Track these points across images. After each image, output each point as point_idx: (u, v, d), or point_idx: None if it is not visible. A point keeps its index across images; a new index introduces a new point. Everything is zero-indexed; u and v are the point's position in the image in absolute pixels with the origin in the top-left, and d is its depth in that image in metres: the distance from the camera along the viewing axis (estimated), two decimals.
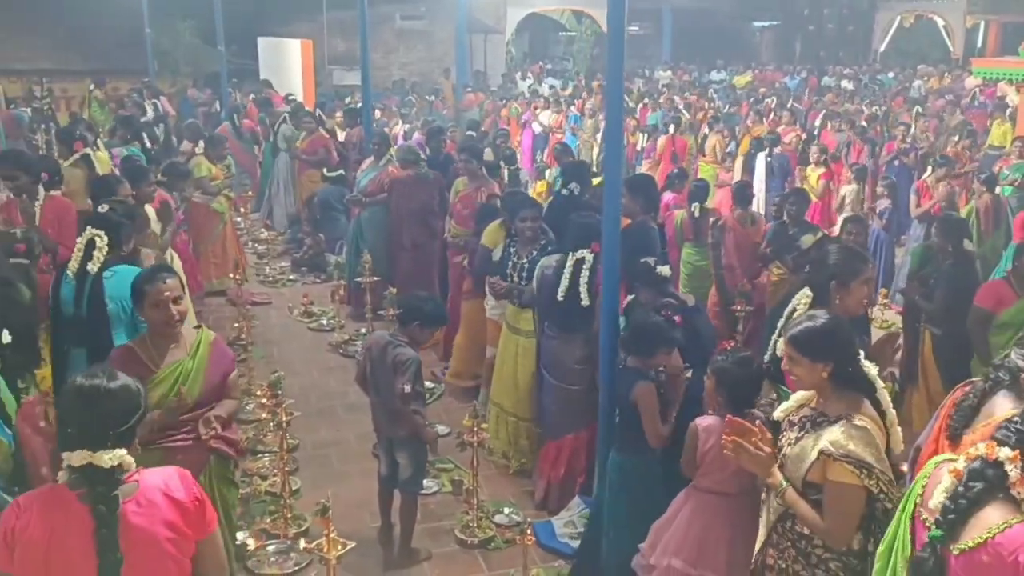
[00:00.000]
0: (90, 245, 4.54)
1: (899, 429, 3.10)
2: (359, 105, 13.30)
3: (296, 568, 4.68)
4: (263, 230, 11.93)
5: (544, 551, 4.86)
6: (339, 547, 3.62)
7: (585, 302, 4.99)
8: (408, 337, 4.51)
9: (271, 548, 4.79)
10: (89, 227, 4.63)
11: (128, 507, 2.35)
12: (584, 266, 5.00)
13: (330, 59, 21.54)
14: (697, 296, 6.14)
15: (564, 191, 6.15)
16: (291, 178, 11.55)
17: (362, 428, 6.29)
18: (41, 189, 5.93)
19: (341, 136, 12.19)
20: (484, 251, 6.09)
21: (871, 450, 2.89)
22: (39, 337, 4.38)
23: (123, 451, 2.36)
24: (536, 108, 16.80)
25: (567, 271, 5.03)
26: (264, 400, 5.35)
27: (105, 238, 4.53)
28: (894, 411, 3.11)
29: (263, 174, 12.51)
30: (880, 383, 3.09)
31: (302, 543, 3.72)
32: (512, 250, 5.77)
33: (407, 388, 4.35)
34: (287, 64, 16.83)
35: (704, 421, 3.69)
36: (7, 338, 3.28)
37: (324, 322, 8.50)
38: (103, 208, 5.05)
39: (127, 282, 4.27)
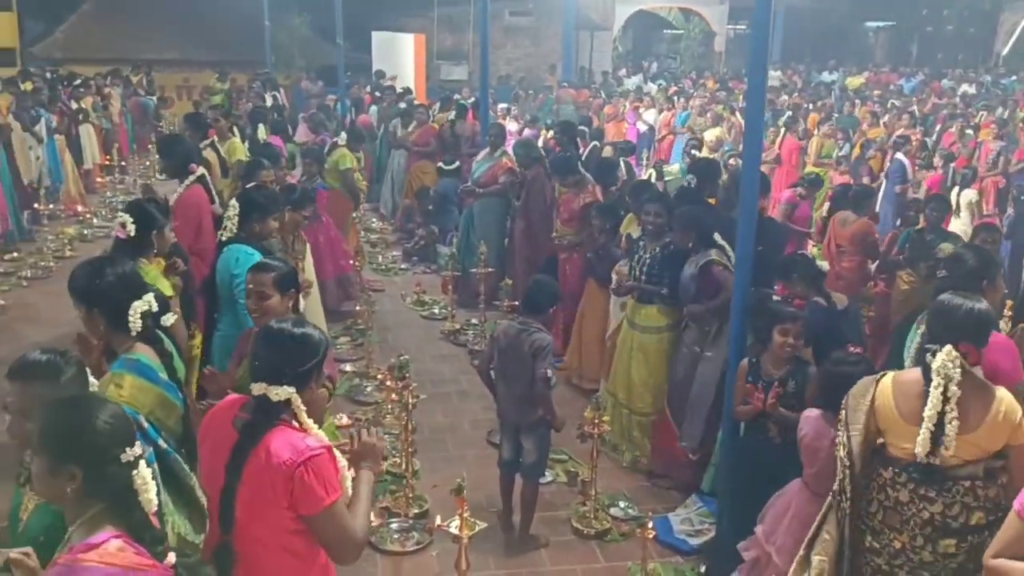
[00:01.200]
0: (228, 217, 4.78)
1: (926, 432, 2.95)
2: (470, 100, 13.50)
3: (417, 546, 4.81)
4: (374, 220, 12.22)
5: (661, 547, 4.85)
6: (472, 527, 3.69)
7: None
8: (542, 323, 4.61)
9: (393, 526, 4.93)
10: (233, 200, 4.88)
11: (255, 451, 2.54)
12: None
13: (438, 54, 21.85)
14: None
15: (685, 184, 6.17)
16: (402, 170, 11.79)
17: (476, 415, 6.45)
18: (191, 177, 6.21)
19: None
20: (633, 243, 6.17)
21: (855, 399, 3.15)
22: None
23: (293, 390, 2.58)
24: (637, 107, 16.71)
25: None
26: (388, 382, 5.48)
27: (237, 210, 4.73)
28: (932, 415, 2.94)
29: (376, 166, 12.80)
30: (936, 380, 2.93)
31: (438, 519, 3.80)
32: (641, 243, 5.77)
33: (549, 372, 4.46)
34: (400, 58, 17.15)
35: (808, 411, 3.81)
36: (170, 320, 3.45)
37: (436, 311, 8.66)
38: (249, 186, 5.32)
39: (231, 258, 4.55)
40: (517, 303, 6.51)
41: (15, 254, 9.91)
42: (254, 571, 2.55)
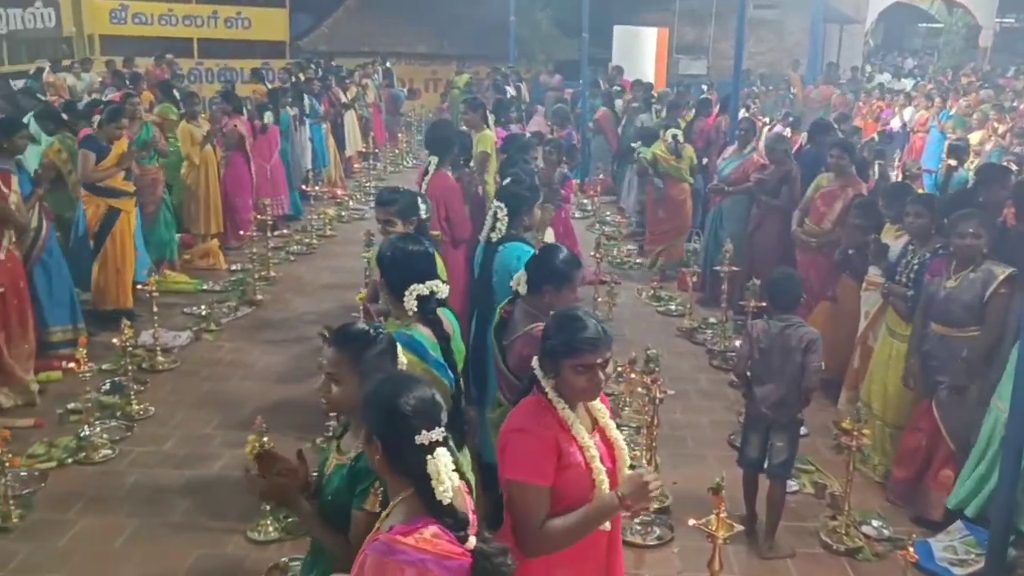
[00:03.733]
0: (495, 216, 4.91)
1: None
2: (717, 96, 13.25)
3: (658, 541, 4.80)
4: (607, 214, 12.28)
5: (919, 572, 4.56)
6: (728, 528, 3.63)
7: None
8: (801, 317, 4.57)
9: (635, 518, 4.93)
10: (496, 200, 5.03)
11: None
12: None
13: (678, 48, 21.59)
14: None
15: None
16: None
17: (716, 415, 6.35)
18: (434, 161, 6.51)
19: None
20: (882, 247, 5.81)
21: None
22: None
23: (537, 365, 2.71)
24: (891, 105, 15.69)
25: None
26: (632, 375, 5.49)
27: (505, 210, 4.87)
28: None
29: (619, 160, 12.85)
30: None
31: (692, 521, 3.76)
32: (910, 247, 5.43)
33: (823, 364, 4.49)
34: (640, 52, 17.12)
35: None
36: (445, 291, 3.61)
37: (672, 307, 8.59)
38: (507, 182, 5.48)
39: (511, 257, 4.60)
40: (764, 303, 6.37)
41: (284, 231, 10.83)
42: None
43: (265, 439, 4.58)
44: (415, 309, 3.40)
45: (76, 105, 9.42)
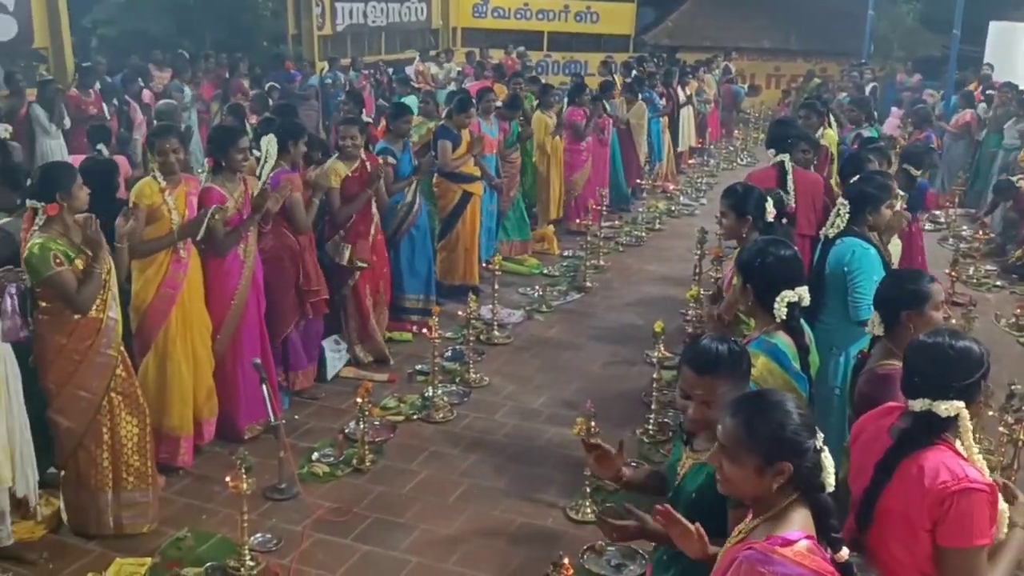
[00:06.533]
0: (836, 213, 4.66)
1: None
2: None
3: None
4: (963, 227, 11.17)
5: None
6: None
7: None
8: None
9: None
10: (841, 198, 4.78)
11: (905, 463, 2.45)
12: None
13: None
14: None
15: None
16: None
17: None
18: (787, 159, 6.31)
19: None
20: None
21: None
22: None
23: (961, 404, 2.43)
24: None
25: None
26: (989, 412, 4.94)
27: (848, 207, 4.60)
28: None
29: (976, 167, 11.68)
30: None
31: None
32: None
33: None
34: (1019, 51, 15.30)
35: None
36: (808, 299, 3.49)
37: None
38: (855, 179, 5.20)
39: (845, 251, 4.41)
40: None
41: (616, 222, 11.04)
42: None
43: (592, 423, 4.77)
44: (784, 316, 3.31)
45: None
